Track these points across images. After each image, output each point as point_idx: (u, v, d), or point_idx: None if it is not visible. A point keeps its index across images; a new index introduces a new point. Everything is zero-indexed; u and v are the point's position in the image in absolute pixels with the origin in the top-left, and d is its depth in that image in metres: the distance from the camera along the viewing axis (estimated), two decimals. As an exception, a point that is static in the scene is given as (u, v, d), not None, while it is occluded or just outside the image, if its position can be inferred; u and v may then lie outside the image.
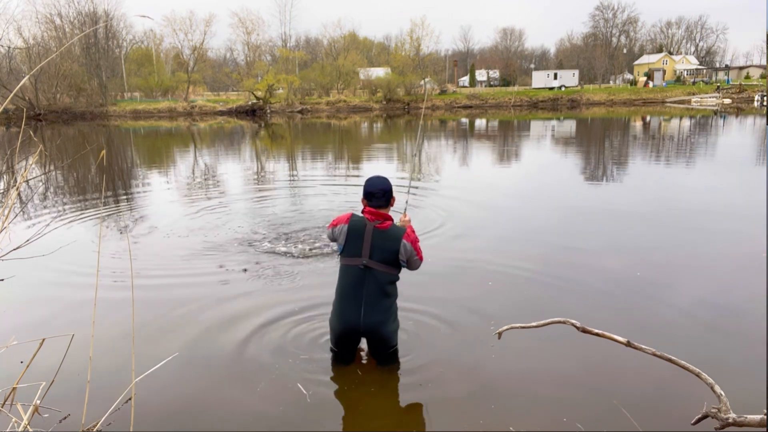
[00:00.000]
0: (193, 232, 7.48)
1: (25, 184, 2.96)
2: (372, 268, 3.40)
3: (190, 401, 3.40)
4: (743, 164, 13.83)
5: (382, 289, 3.43)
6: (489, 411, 3.21)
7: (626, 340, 2.32)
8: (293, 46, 67.13)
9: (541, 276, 5.50)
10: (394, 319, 3.57)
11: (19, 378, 2.46)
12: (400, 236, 3.43)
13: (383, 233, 3.41)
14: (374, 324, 3.43)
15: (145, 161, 18.73)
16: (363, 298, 3.41)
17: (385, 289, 3.44)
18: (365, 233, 3.42)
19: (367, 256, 3.40)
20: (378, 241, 3.40)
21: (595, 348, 3.80)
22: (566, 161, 15.75)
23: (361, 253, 3.40)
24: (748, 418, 2.00)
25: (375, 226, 3.42)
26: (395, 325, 3.59)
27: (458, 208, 8.68)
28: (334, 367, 3.69)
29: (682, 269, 5.57)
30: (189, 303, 4.92)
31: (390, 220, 3.49)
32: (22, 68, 49.18)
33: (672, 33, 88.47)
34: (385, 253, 3.40)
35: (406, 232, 3.47)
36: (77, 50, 50.37)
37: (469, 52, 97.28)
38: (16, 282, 3.65)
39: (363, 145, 22.40)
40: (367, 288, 3.40)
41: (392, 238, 3.41)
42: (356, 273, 3.42)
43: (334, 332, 3.58)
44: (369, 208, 3.46)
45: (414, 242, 3.47)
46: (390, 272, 3.45)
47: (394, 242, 3.41)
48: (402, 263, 3.49)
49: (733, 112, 37.85)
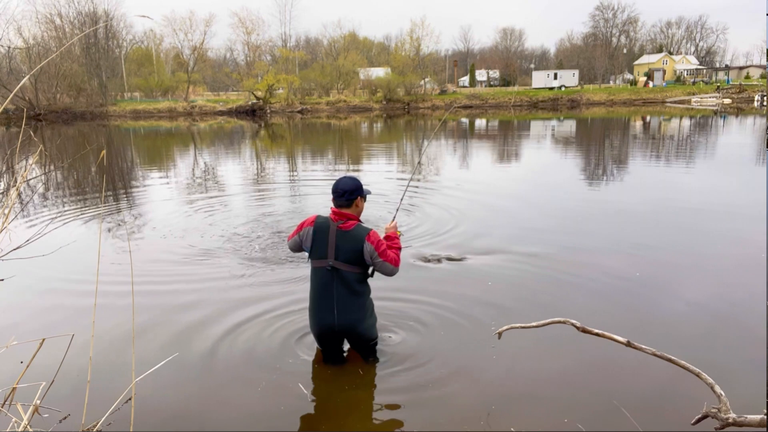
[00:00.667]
0: (193, 233, 7.47)
1: (25, 184, 2.96)
2: (339, 269, 3.40)
3: (190, 401, 3.40)
4: (743, 164, 13.83)
5: (352, 289, 3.43)
6: (490, 412, 3.21)
7: (626, 340, 2.32)
8: (293, 46, 67.13)
9: (541, 275, 5.50)
10: (369, 315, 3.60)
11: (19, 378, 2.46)
12: (362, 237, 3.38)
13: (345, 234, 3.38)
14: (349, 323, 3.47)
15: (145, 161, 18.73)
16: (335, 298, 3.43)
17: (354, 288, 3.44)
18: (329, 234, 3.41)
19: (332, 257, 3.39)
20: (341, 242, 3.38)
21: (595, 348, 3.80)
22: (566, 161, 15.75)
23: (326, 254, 3.40)
24: (748, 418, 2.00)
25: (338, 226, 3.40)
26: (372, 320, 3.63)
27: (458, 207, 8.68)
28: (334, 367, 3.70)
29: (682, 269, 5.57)
30: (189, 303, 4.92)
31: (354, 219, 3.44)
32: (22, 68, 49.21)
33: (672, 33, 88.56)
34: (348, 253, 3.37)
35: (369, 233, 3.39)
36: (77, 50, 50.37)
37: (469, 52, 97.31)
38: (16, 282, 3.64)
39: (363, 146, 22.40)
40: (337, 289, 3.42)
41: (354, 239, 3.37)
42: (324, 274, 3.43)
43: (313, 332, 3.66)
44: (333, 208, 3.48)
45: (377, 245, 3.37)
46: (356, 271, 3.42)
47: (357, 243, 3.37)
48: (368, 264, 3.44)
49: (733, 112, 37.85)
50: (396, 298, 4.86)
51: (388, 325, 4.32)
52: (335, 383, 3.55)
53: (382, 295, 4.43)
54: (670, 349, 2.40)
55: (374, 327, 3.69)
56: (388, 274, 3.48)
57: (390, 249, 3.49)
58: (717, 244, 6.40)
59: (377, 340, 3.78)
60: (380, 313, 4.56)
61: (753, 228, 7.05)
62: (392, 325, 4.34)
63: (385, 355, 3.86)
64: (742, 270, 5.59)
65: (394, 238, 3.62)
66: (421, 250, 6.38)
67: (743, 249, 6.24)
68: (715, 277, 5.44)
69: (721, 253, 6.09)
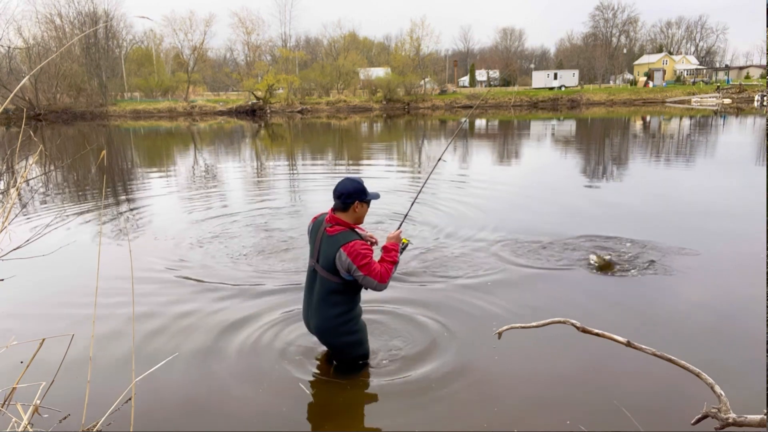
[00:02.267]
0: (193, 233, 7.47)
1: (25, 184, 2.95)
2: (318, 272, 3.32)
3: (190, 401, 3.39)
4: (743, 164, 13.82)
5: (326, 298, 3.29)
6: (492, 413, 3.21)
7: (626, 340, 2.32)
8: (293, 46, 67.05)
9: (541, 275, 5.50)
10: (346, 333, 3.39)
11: (19, 378, 2.46)
12: (339, 245, 3.16)
13: (329, 238, 3.22)
14: (318, 328, 3.40)
15: (145, 161, 18.72)
16: (313, 298, 3.38)
17: (328, 298, 3.28)
18: (318, 235, 3.32)
19: (315, 258, 3.33)
20: (323, 246, 3.25)
21: (595, 348, 3.80)
22: (566, 161, 15.75)
23: (313, 254, 3.36)
24: (748, 418, 2.00)
25: (326, 229, 3.26)
26: (350, 338, 3.43)
27: (457, 209, 8.69)
28: (343, 375, 3.68)
29: (681, 269, 5.57)
30: (189, 303, 4.91)
31: (341, 226, 3.23)
32: (22, 68, 49.18)
33: (672, 33, 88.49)
34: (326, 260, 3.23)
35: (348, 243, 3.15)
36: (77, 50, 50.34)
37: (469, 52, 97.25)
38: (16, 282, 3.64)
39: (363, 146, 22.39)
40: (317, 291, 3.36)
41: (333, 246, 3.18)
42: (310, 272, 3.41)
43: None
44: (330, 210, 3.34)
45: (356, 257, 3.12)
46: (334, 281, 3.23)
47: (333, 250, 3.17)
48: (346, 277, 3.22)
49: (733, 112, 37.83)
50: (391, 298, 4.85)
51: (388, 325, 4.32)
52: (336, 384, 3.54)
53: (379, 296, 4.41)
54: (670, 349, 2.40)
55: (355, 346, 3.49)
56: (372, 289, 3.24)
57: (382, 262, 3.27)
58: (717, 244, 6.39)
59: (366, 360, 3.60)
60: (380, 313, 4.56)
61: (753, 228, 7.04)
62: (392, 325, 4.34)
63: (386, 355, 3.85)
64: (742, 270, 5.59)
65: (391, 250, 3.34)
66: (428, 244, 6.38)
67: (743, 249, 6.24)
68: (715, 276, 5.44)
69: (721, 253, 6.09)
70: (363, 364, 3.63)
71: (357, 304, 3.45)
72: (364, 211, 3.33)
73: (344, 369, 3.60)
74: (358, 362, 3.61)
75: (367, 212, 3.39)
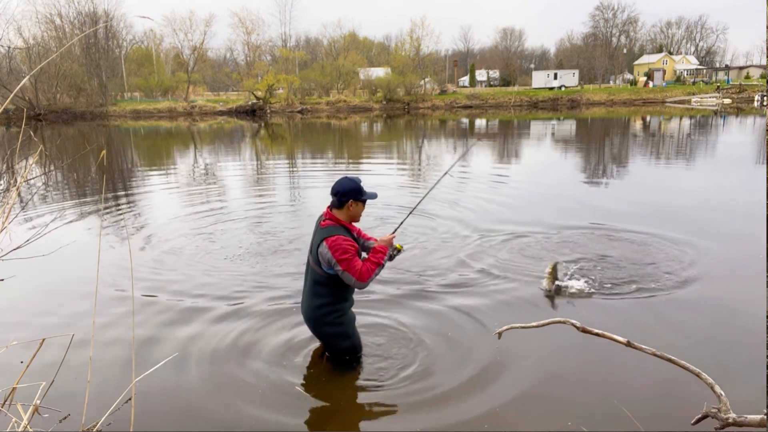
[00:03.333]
0: (193, 233, 7.47)
1: (25, 184, 2.96)
2: (310, 263, 3.49)
3: (190, 401, 3.40)
4: (743, 164, 13.82)
5: (313, 288, 3.46)
6: (493, 413, 3.21)
7: (626, 340, 2.32)
8: (293, 46, 67.04)
9: (540, 274, 5.49)
10: (329, 324, 3.48)
11: (19, 378, 2.46)
12: (323, 238, 3.27)
13: (320, 231, 3.37)
14: (305, 316, 3.57)
15: (145, 161, 18.72)
16: (304, 288, 3.57)
17: (314, 289, 3.46)
18: (315, 228, 3.51)
19: (310, 249, 3.51)
20: (314, 239, 3.45)
21: (595, 348, 3.80)
22: (566, 161, 15.75)
23: (310, 247, 3.51)
24: (748, 418, 2.00)
25: (320, 223, 3.45)
26: (333, 330, 3.51)
27: (455, 210, 8.69)
28: (333, 367, 3.69)
29: (681, 269, 5.56)
30: (189, 303, 4.91)
31: (332, 221, 3.35)
32: (22, 68, 49.19)
33: (672, 33, 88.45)
34: (313, 252, 3.41)
35: (331, 237, 3.24)
36: (77, 50, 50.33)
37: (469, 52, 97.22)
38: (16, 282, 3.64)
39: (363, 146, 22.38)
40: (307, 281, 3.53)
41: (319, 238, 3.32)
42: (307, 264, 3.57)
43: None
44: (328, 206, 3.49)
45: (336, 251, 3.19)
46: (320, 272, 3.37)
47: (318, 242, 3.31)
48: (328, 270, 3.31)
49: (733, 112, 37.82)
50: (395, 297, 4.86)
51: (387, 325, 4.32)
52: (335, 384, 3.54)
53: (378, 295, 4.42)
54: (670, 349, 2.40)
55: (339, 338, 3.55)
56: (351, 286, 3.34)
57: (367, 261, 3.31)
58: (717, 244, 6.39)
59: (351, 357, 3.65)
60: (378, 311, 4.56)
61: (753, 228, 7.04)
62: (391, 325, 4.34)
63: (386, 355, 3.85)
64: (742, 270, 5.59)
65: (379, 252, 3.37)
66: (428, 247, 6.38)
67: (743, 249, 6.24)
68: (715, 276, 5.43)
69: (721, 253, 6.09)
70: (352, 360, 3.68)
71: (344, 297, 3.52)
72: (359, 209, 3.43)
73: (334, 362, 3.70)
74: (345, 357, 3.66)
75: (365, 211, 3.52)
